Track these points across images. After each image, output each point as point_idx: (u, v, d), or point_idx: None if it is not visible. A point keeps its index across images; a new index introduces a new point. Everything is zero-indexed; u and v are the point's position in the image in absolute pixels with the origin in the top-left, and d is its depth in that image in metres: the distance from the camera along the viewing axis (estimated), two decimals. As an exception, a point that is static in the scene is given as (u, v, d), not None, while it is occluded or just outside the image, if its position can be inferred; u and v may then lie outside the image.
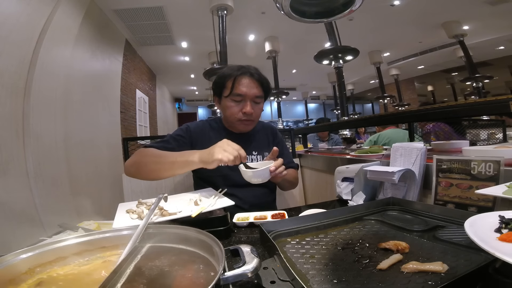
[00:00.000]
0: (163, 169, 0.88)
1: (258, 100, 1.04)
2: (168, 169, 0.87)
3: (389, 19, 4.45)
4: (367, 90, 10.05)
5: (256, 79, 1.02)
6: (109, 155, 3.42)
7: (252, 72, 1.02)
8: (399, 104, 6.82)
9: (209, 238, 0.44)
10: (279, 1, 1.12)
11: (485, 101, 0.93)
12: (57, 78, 2.45)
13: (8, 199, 1.76)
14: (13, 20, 1.93)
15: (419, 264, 0.42)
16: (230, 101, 1.02)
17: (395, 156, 0.93)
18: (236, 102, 1.01)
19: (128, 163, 0.97)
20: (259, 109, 1.06)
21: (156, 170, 0.89)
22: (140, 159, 0.94)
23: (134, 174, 0.96)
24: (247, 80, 1.01)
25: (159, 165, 0.89)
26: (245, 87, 1.00)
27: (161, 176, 0.91)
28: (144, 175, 0.95)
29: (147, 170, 0.92)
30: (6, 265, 0.39)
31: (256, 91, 1.02)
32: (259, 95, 1.03)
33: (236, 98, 1.01)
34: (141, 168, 0.93)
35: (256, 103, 1.04)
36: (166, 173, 0.89)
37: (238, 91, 0.99)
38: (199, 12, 3.72)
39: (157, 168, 0.89)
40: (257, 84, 1.02)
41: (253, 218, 0.80)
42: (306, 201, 1.74)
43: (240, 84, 1.00)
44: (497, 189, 0.58)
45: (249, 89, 1.00)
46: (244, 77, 1.01)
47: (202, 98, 10.09)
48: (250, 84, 1.01)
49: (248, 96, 1.00)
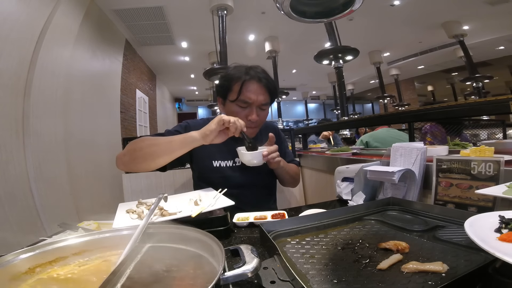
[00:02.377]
0: (160, 151, 0.82)
1: (264, 107, 1.02)
2: (165, 150, 0.82)
3: (389, 19, 4.45)
4: (367, 90, 10.05)
5: (264, 85, 0.99)
6: (109, 155, 3.42)
7: (260, 77, 0.99)
8: (399, 104, 6.82)
9: (209, 238, 0.44)
10: (279, 1, 1.13)
11: (485, 101, 0.93)
12: (57, 78, 2.45)
13: (8, 199, 1.76)
14: (13, 20, 1.93)
15: (419, 264, 0.42)
16: (235, 106, 0.99)
17: (395, 156, 0.93)
18: (241, 108, 0.99)
19: (120, 153, 0.91)
20: (264, 115, 1.04)
21: (152, 154, 0.83)
22: (133, 146, 0.88)
23: (127, 163, 0.88)
24: (255, 86, 0.97)
25: (155, 147, 0.83)
26: (252, 93, 0.96)
27: (158, 161, 0.84)
28: (139, 162, 0.86)
29: (142, 155, 0.85)
30: (6, 265, 0.39)
31: (263, 98, 0.99)
32: (266, 102, 1.01)
33: (242, 104, 0.98)
34: (135, 154, 0.86)
35: (262, 110, 1.02)
36: (164, 155, 0.83)
37: (245, 97, 0.96)
38: (199, 12, 3.72)
39: (153, 150, 0.83)
40: (264, 90, 0.99)
41: (253, 218, 0.80)
42: (306, 201, 1.74)
43: (248, 90, 0.96)
44: (497, 189, 0.57)
45: (257, 96, 0.97)
46: (252, 82, 0.97)
47: (202, 98, 10.09)
48: (257, 91, 0.97)
49: (254, 104, 0.98)
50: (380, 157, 1.08)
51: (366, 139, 2.50)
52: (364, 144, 2.46)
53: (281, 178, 1.17)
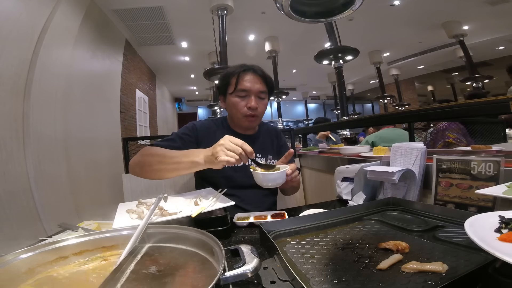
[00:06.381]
0: (168, 170, 0.86)
1: (262, 95, 1.05)
2: (173, 169, 0.86)
3: (389, 19, 4.45)
4: (367, 90, 10.05)
5: (260, 75, 1.04)
6: (109, 155, 3.42)
7: (255, 69, 1.04)
8: (399, 104, 6.82)
9: (209, 238, 0.44)
10: (279, 1, 1.13)
11: (485, 101, 0.93)
12: (57, 78, 2.45)
13: (8, 199, 1.76)
14: (13, 20, 1.93)
15: (419, 264, 0.42)
16: (235, 97, 1.03)
17: (395, 156, 0.93)
18: (240, 97, 1.02)
19: (132, 162, 0.95)
20: (264, 105, 1.07)
21: (161, 170, 0.88)
22: (144, 158, 0.93)
23: (138, 173, 0.94)
24: (251, 76, 1.02)
25: (163, 165, 0.87)
26: (248, 82, 1.01)
27: (165, 176, 0.90)
28: (148, 174, 0.93)
29: (151, 170, 0.90)
30: (6, 265, 0.39)
31: (259, 86, 1.03)
32: (263, 90, 1.04)
33: (240, 93, 1.02)
34: (145, 167, 0.92)
35: (260, 99, 1.05)
36: (171, 173, 0.87)
37: (242, 86, 1.01)
38: (199, 12, 3.72)
39: (162, 168, 0.87)
40: (260, 79, 1.04)
41: (253, 218, 0.80)
42: (306, 201, 1.74)
43: (244, 80, 1.01)
44: (497, 189, 0.57)
45: (253, 84, 1.02)
46: (248, 73, 1.02)
47: (202, 98, 10.09)
48: (253, 80, 1.02)
49: (252, 91, 1.01)
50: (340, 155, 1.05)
51: (372, 139, 2.48)
52: (370, 144, 2.44)
53: (284, 190, 1.18)
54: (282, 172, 0.80)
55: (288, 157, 0.93)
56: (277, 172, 0.79)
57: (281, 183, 0.81)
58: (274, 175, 0.79)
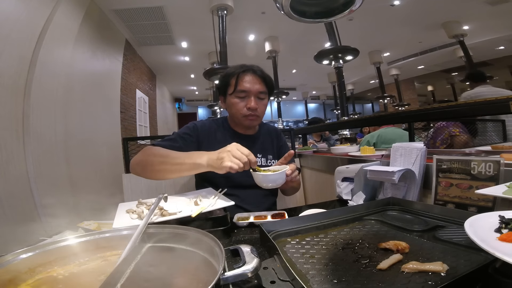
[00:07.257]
0: (170, 170, 0.86)
1: (262, 96, 1.05)
2: (175, 170, 0.85)
3: (389, 19, 4.45)
4: (367, 90, 10.05)
5: (259, 75, 1.04)
6: (109, 155, 3.42)
7: (254, 69, 1.04)
8: (399, 104, 6.81)
9: (209, 238, 0.44)
10: (279, 1, 1.12)
11: (485, 101, 0.93)
12: (57, 78, 2.46)
13: (8, 199, 1.76)
14: (13, 20, 1.93)
15: (419, 264, 0.42)
16: (234, 97, 1.03)
17: (395, 156, 0.93)
18: (240, 98, 1.03)
19: (133, 161, 0.95)
20: (264, 105, 1.07)
21: (162, 171, 0.87)
22: (146, 158, 0.92)
23: (139, 173, 0.94)
24: (250, 77, 1.02)
25: (165, 165, 0.86)
26: (248, 83, 1.01)
27: (167, 177, 0.89)
28: (149, 174, 0.92)
29: (153, 170, 0.89)
30: (6, 265, 0.39)
31: (259, 86, 1.03)
32: (263, 91, 1.04)
33: (240, 94, 1.02)
34: (147, 167, 0.91)
35: (260, 99, 1.05)
36: (173, 174, 0.87)
37: (241, 87, 1.01)
38: (199, 12, 3.72)
39: (164, 168, 0.87)
40: (260, 80, 1.04)
41: (253, 218, 0.80)
42: (306, 201, 1.74)
43: (243, 80, 1.01)
44: (497, 189, 0.57)
45: (252, 85, 1.02)
46: (247, 74, 1.02)
47: (202, 98, 10.09)
48: (253, 80, 1.02)
49: (252, 92, 1.02)
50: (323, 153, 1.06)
51: (374, 139, 2.43)
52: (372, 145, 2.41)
53: (284, 191, 1.18)
54: (282, 173, 0.79)
55: (288, 158, 0.93)
56: (277, 173, 0.79)
57: (281, 184, 0.81)
58: (274, 175, 0.79)
